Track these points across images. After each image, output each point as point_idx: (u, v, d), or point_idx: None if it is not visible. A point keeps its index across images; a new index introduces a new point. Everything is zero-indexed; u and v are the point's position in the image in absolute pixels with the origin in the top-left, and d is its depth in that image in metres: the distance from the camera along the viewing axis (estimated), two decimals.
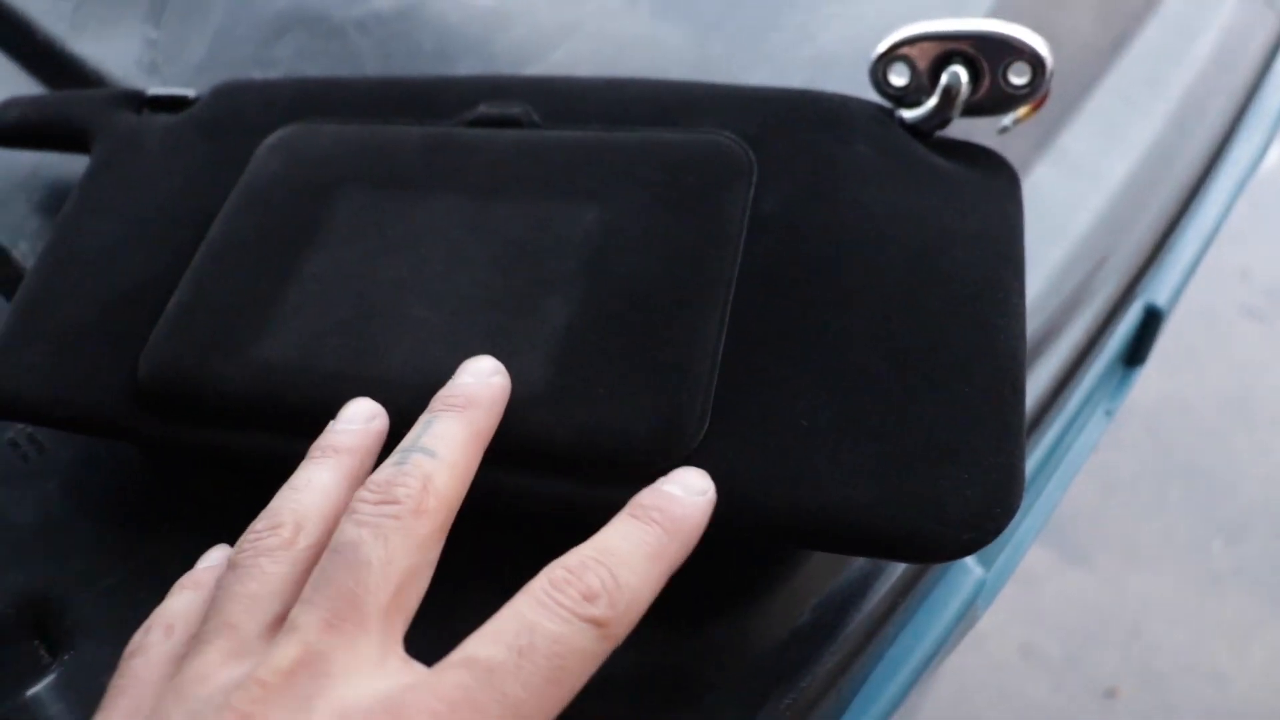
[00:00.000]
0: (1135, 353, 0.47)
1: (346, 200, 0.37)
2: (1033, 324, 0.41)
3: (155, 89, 0.46)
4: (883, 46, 0.37)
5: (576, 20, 0.48)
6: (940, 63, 0.36)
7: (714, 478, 0.29)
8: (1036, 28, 0.36)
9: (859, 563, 0.34)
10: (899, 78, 0.37)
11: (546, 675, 0.23)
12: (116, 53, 0.54)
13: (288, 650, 0.23)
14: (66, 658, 0.34)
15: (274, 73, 0.51)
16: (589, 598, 0.24)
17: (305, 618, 0.24)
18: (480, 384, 0.30)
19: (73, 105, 0.47)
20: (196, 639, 0.25)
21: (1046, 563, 1.30)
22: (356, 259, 0.35)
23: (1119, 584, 1.30)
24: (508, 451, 0.30)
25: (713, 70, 0.42)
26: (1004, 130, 0.38)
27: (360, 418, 0.31)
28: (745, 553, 0.34)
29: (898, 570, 0.35)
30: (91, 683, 0.33)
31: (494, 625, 0.24)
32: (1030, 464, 0.42)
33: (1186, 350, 1.48)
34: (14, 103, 0.49)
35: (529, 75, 0.41)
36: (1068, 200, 0.44)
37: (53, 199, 0.49)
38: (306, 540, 0.27)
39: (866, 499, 0.28)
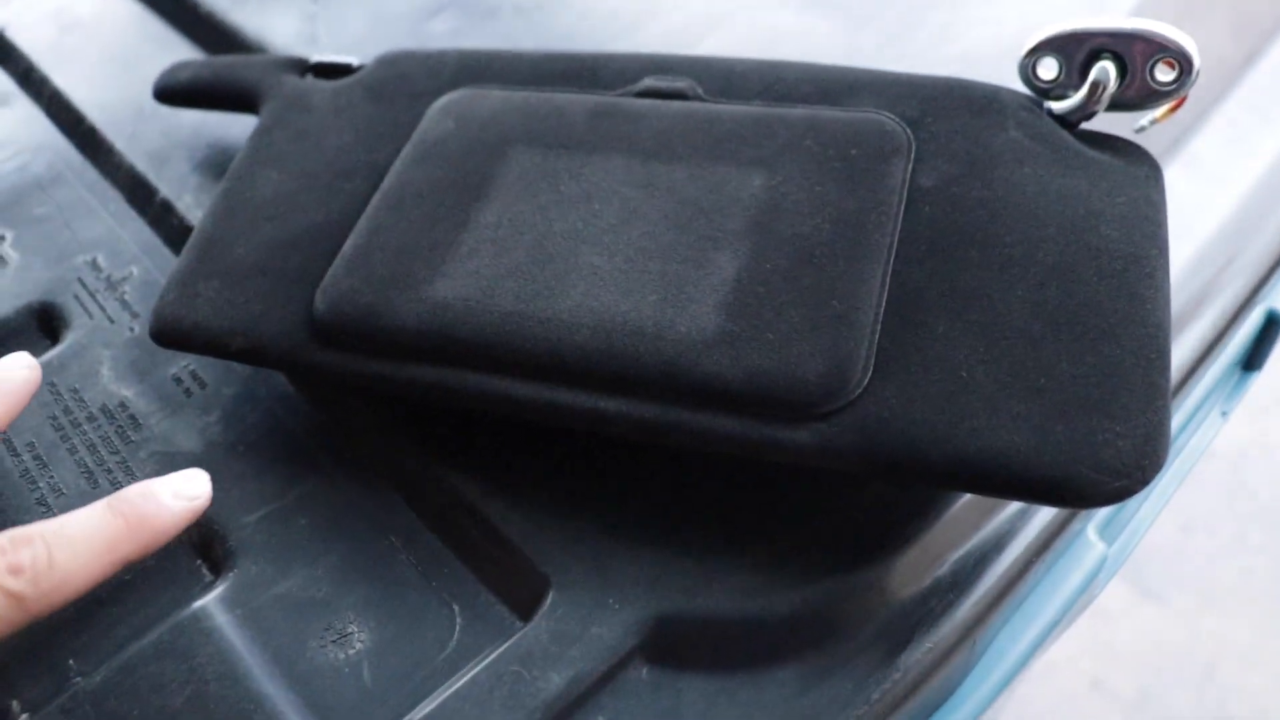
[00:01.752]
0: (1253, 358, 0.48)
1: (518, 158, 0.39)
2: None
3: (320, 56, 0.49)
4: (1033, 41, 0.39)
5: (727, 10, 0.51)
6: (1089, 58, 0.38)
7: (877, 421, 0.31)
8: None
9: (995, 522, 0.36)
10: (1048, 71, 0.39)
11: None
12: (277, 25, 0.57)
13: None
14: (230, 575, 0.36)
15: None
16: (14, 571, 0.26)
17: None
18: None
19: (240, 68, 0.50)
20: None
21: (1122, 598, 1.28)
22: (530, 211, 0.37)
23: (1194, 624, 1.28)
24: (683, 391, 0.32)
25: (860, 62, 0.44)
26: (1141, 130, 0.39)
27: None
28: (891, 505, 0.35)
29: (1031, 533, 0.36)
30: (253, 599, 0.36)
31: None
32: None
33: (1273, 393, 1.46)
34: (184, 66, 0.52)
35: (691, 55, 0.43)
36: (1196, 203, 0.45)
37: (214, 157, 0.52)
38: None
39: (1024, 445, 0.30)
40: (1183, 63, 0.37)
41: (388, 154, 0.42)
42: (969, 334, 0.32)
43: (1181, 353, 0.44)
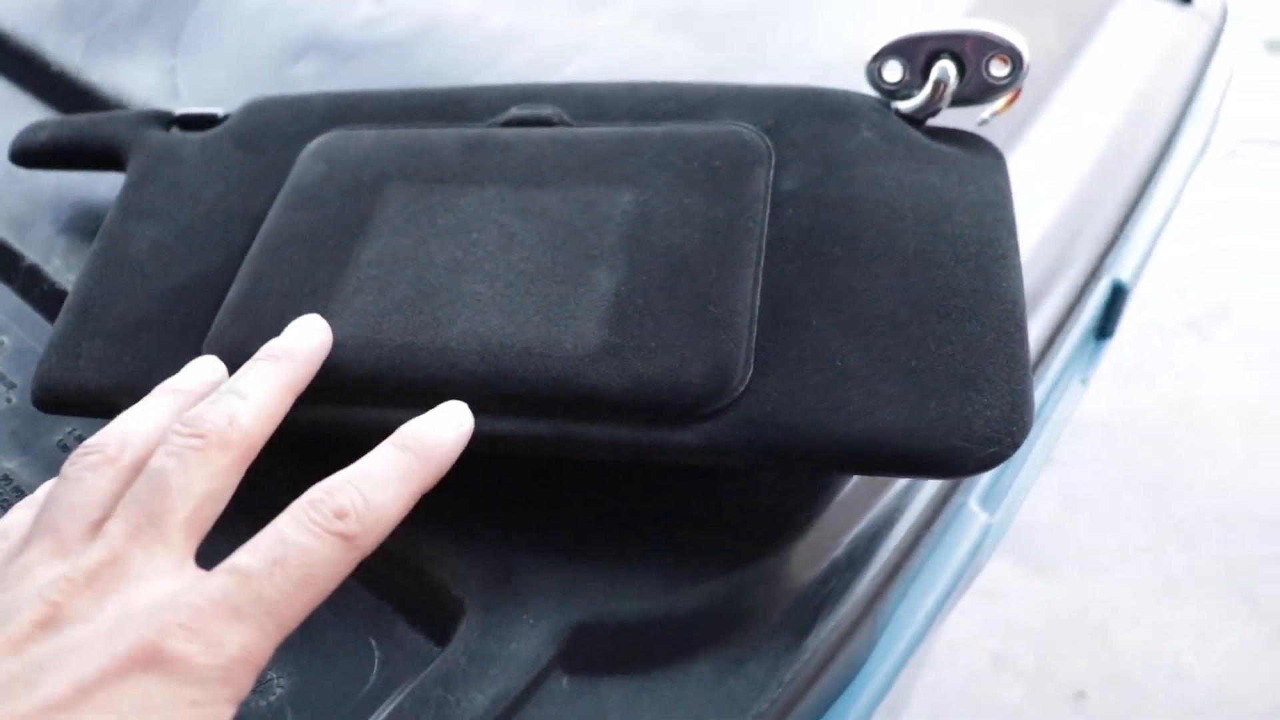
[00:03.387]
0: (1104, 326, 0.51)
1: (394, 195, 0.40)
2: None
3: (184, 108, 0.49)
4: (878, 47, 0.41)
5: (587, 37, 0.52)
6: (929, 59, 0.41)
7: (761, 416, 0.32)
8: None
9: (883, 501, 0.38)
10: (893, 74, 0.41)
11: (297, 581, 0.27)
12: (135, 81, 0.56)
13: (96, 553, 0.27)
14: None
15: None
16: (339, 515, 0.28)
17: (114, 527, 0.28)
18: (299, 338, 0.35)
19: (103, 125, 0.49)
20: (25, 539, 0.29)
21: (1012, 575, 1.34)
22: (410, 246, 0.38)
23: (1082, 591, 1.34)
24: (573, 405, 0.33)
25: (719, 78, 0.46)
26: (983, 123, 0.42)
27: (202, 372, 0.35)
28: (785, 493, 0.37)
29: (918, 508, 0.38)
30: None
31: (258, 538, 0.28)
32: None
33: (1134, 364, 1.54)
34: (41, 126, 0.51)
35: (554, 83, 0.44)
36: (1041, 185, 0.48)
37: (80, 218, 0.51)
38: (129, 459, 0.30)
39: (901, 424, 0.32)
40: (1014, 58, 0.40)
41: (263, 201, 0.42)
42: (841, 326, 0.34)
43: (1039, 326, 0.47)
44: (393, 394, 0.35)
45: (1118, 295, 0.50)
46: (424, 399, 0.34)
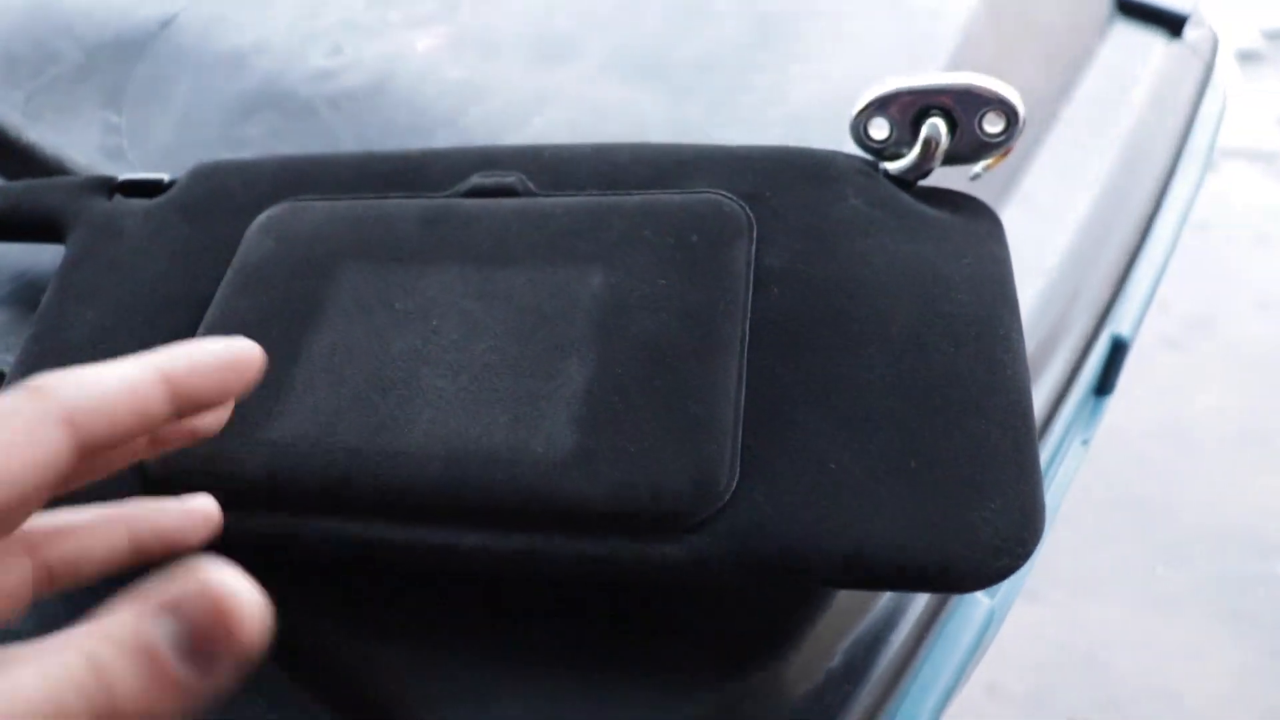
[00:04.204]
0: (1104, 383, 0.49)
1: (348, 276, 0.37)
2: None
3: (127, 174, 0.46)
4: (863, 101, 0.38)
5: (551, 88, 0.49)
6: (919, 116, 0.38)
7: (749, 526, 0.30)
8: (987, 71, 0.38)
9: (881, 603, 0.35)
10: (879, 131, 0.39)
11: None
12: (77, 140, 0.53)
13: None
14: None
15: (245, 153, 0.50)
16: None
17: None
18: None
19: (40, 194, 0.46)
20: None
21: None
22: (365, 334, 0.35)
23: (1073, 616, 1.32)
24: (545, 517, 0.31)
25: (690, 132, 0.43)
26: (975, 177, 0.40)
27: None
28: (773, 600, 0.34)
29: (917, 608, 0.36)
30: None
31: None
32: None
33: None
34: None
35: (517, 145, 0.41)
36: (1036, 240, 0.46)
37: (18, 293, 0.48)
38: None
39: (901, 535, 0.29)
40: (1009, 114, 0.37)
41: (209, 280, 0.39)
42: (833, 422, 0.31)
43: (1040, 389, 0.45)
44: (349, 503, 0.32)
45: (1118, 351, 0.48)
46: (383, 510, 0.32)
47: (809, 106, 0.47)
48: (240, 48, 0.54)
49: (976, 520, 0.29)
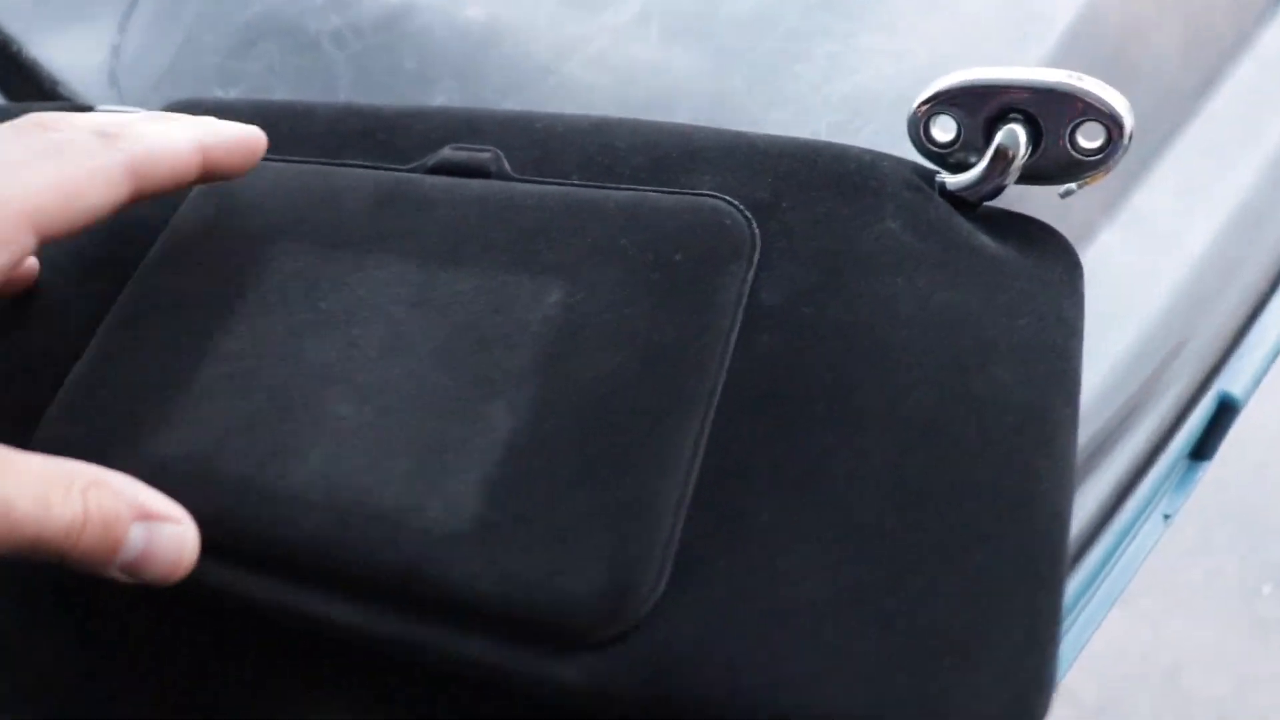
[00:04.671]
0: (1203, 447, 0.41)
1: (280, 261, 0.31)
2: (1088, 428, 0.35)
3: (104, 106, 0.41)
4: (926, 94, 0.30)
5: (578, 40, 0.42)
6: (995, 118, 0.30)
7: (667, 657, 0.23)
8: (1111, 65, 0.30)
9: None
10: (944, 133, 0.31)
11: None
12: (76, 58, 0.49)
13: None
14: None
15: (239, 88, 0.45)
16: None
17: None
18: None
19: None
20: None
21: None
22: (281, 335, 0.30)
23: (1159, 627, 1.24)
24: (425, 600, 0.25)
25: (729, 106, 0.36)
26: (1067, 194, 0.32)
27: None
28: None
29: None
30: None
31: None
32: (1070, 588, 0.36)
33: None
34: None
35: (507, 111, 0.35)
36: (1140, 273, 0.37)
37: None
38: None
39: (854, 702, 0.22)
40: (1112, 126, 0.29)
41: (144, 246, 0.34)
42: (803, 531, 0.24)
43: (1124, 449, 0.37)
44: (221, 545, 0.27)
45: (1225, 412, 0.39)
46: (257, 558, 0.26)
47: (876, 88, 0.39)
48: None
49: (954, 700, 0.22)
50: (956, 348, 0.27)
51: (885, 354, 0.27)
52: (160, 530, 0.26)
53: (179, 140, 0.29)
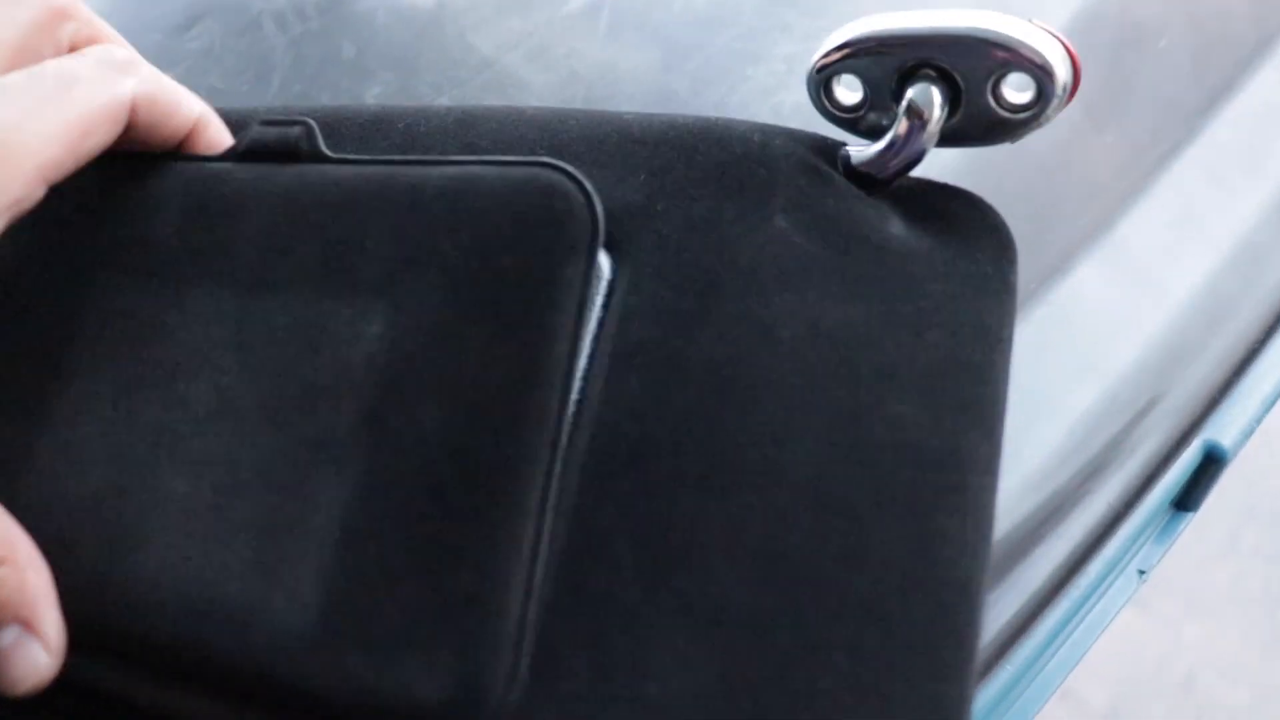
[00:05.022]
0: (1186, 498, 0.38)
1: (103, 298, 0.28)
2: (1053, 482, 0.32)
3: None
4: (823, 49, 0.27)
5: (522, 34, 0.40)
6: (908, 74, 0.26)
7: None
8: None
9: None
10: (849, 94, 0.28)
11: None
12: None
13: None
14: None
15: (177, 70, 0.43)
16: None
17: None
18: None
19: None
20: None
21: None
22: (110, 392, 0.27)
23: (1176, 632, 1.20)
24: (279, 698, 0.23)
25: (672, 110, 0.33)
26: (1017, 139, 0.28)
27: None
28: None
29: None
30: None
31: None
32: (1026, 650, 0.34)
33: None
34: None
35: (374, 108, 0.33)
36: (1121, 315, 0.34)
37: None
38: None
39: None
40: (1042, 78, 0.25)
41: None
42: (673, 612, 0.22)
43: (1098, 498, 0.34)
44: (78, 636, 0.25)
45: (1211, 464, 0.36)
46: (114, 650, 0.25)
47: None
48: None
49: None
50: (849, 382, 0.24)
51: (763, 396, 0.24)
52: (29, 644, 0.24)
53: (188, 97, 0.29)
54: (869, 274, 0.25)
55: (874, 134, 0.28)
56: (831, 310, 0.25)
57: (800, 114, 0.36)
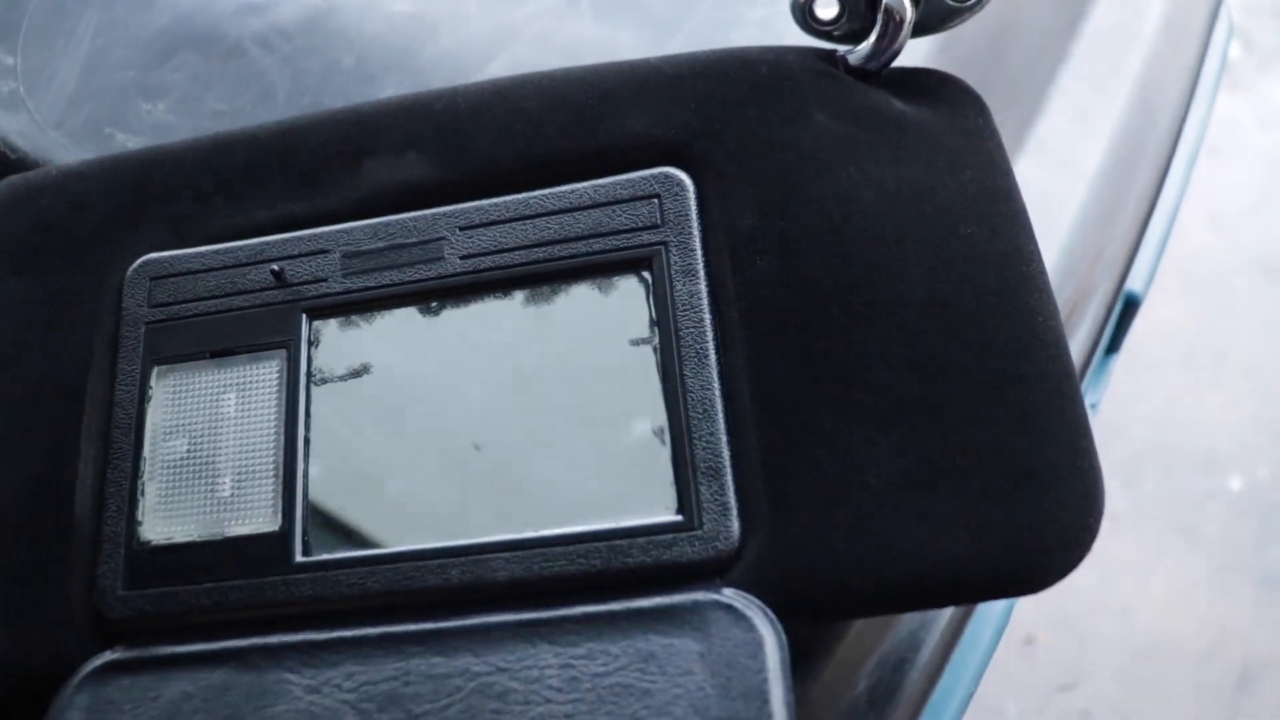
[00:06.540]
0: (1114, 341, 0.46)
1: None
2: None
3: None
4: None
5: (511, 25, 0.44)
6: None
7: (791, 565, 0.26)
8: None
9: (906, 623, 0.32)
10: (826, 9, 0.33)
11: None
12: None
13: None
14: None
15: (165, 100, 0.44)
16: None
17: None
18: None
19: None
20: None
21: None
22: None
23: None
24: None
25: None
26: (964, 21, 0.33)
27: None
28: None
29: (943, 620, 0.32)
30: None
31: None
32: None
33: None
34: None
35: (399, 100, 0.35)
36: (1054, 196, 0.42)
37: None
38: None
39: (960, 549, 0.25)
40: None
41: (72, 353, 0.33)
42: (861, 424, 0.27)
43: None
44: None
45: (1130, 309, 0.45)
46: None
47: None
48: None
49: (1041, 516, 0.25)
50: (924, 217, 0.29)
51: (869, 247, 0.29)
52: None
53: None
54: (901, 140, 0.31)
55: (852, 39, 0.33)
56: (889, 173, 0.30)
57: None
